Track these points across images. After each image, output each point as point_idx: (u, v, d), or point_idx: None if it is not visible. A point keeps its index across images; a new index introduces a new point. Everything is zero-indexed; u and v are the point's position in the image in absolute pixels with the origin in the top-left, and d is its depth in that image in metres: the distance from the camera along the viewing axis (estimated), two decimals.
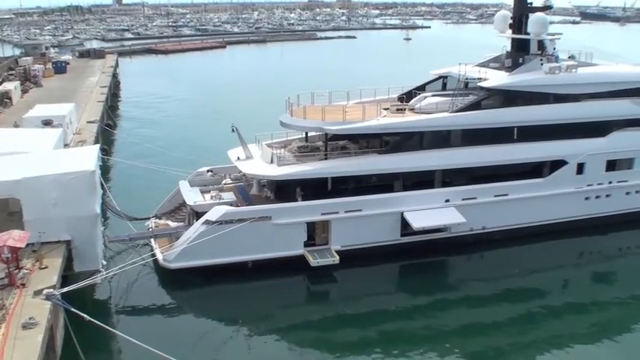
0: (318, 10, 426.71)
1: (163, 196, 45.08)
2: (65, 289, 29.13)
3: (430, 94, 48.11)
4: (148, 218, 43.52)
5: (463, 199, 43.62)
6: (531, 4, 50.33)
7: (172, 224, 42.87)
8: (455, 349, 33.04)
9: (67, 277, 32.32)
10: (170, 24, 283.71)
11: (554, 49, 50.33)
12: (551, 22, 51.61)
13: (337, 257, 40.28)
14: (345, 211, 41.00)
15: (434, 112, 44.42)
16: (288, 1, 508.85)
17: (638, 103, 48.54)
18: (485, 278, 41.67)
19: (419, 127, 43.39)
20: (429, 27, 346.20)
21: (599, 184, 47.99)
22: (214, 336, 34.03)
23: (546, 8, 51.45)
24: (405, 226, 42.19)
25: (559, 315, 37.10)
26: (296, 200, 40.44)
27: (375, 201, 41.60)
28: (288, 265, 40.13)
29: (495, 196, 44.77)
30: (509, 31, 51.05)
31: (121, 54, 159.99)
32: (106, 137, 67.56)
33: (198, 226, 38.57)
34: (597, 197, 48.29)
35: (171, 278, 38.65)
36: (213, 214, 38.46)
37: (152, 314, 35.87)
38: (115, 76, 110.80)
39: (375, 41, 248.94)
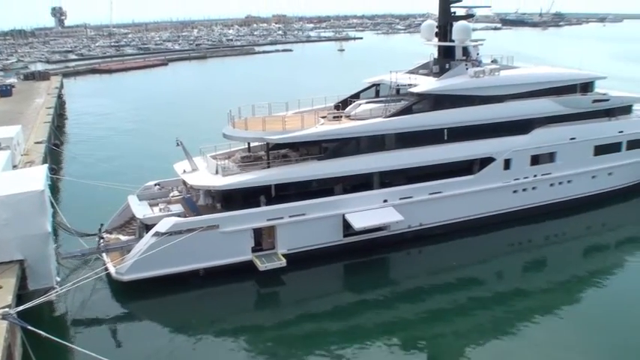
0: (255, 25, 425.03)
1: (113, 212, 44.41)
2: (21, 308, 28.56)
3: (364, 101, 48.56)
4: (98, 233, 42.78)
5: (400, 199, 44.13)
6: (455, 13, 51.31)
7: (123, 238, 42.26)
8: (399, 340, 33.49)
9: (21, 296, 31.53)
10: (113, 44, 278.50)
11: (478, 54, 51.45)
12: (473, 30, 52.55)
13: (284, 260, 40.34)
14: (290, 216, 41.11)
15: (369, 118, 44.89)
16: (226, 17, 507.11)
17: (556, 101, 49.92)
18: (424, 272, 42.31)
19: (355, 132, 43.73)
20: (361, 38, 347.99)
21: (524, 177, 49.12)
22: (170, 344, 33.66)
23: (469, 17, 52.55)
24: (346, 227, 42.51)
25: (494, 301, 37.98)
26: (243, 208, 40.35)
27: (317, 205, 41.81)
28: (238, 271, 40.08)
29: (430, 194, 45.41)
30: (436, 39, 52.00)
31: (66, 75, 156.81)
32: (54, 157, 66.13)
33: (148, 238, 38.20)
34: (524, 190, 49.43)
35: (125, 290, 38.11)
36: (162, 226, 38.16)
37: (108, 327, 35.27)
38: (60, 96, 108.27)
39: (310, 53, 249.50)
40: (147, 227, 39.86)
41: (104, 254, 40.38)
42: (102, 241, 40.83)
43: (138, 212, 41.34)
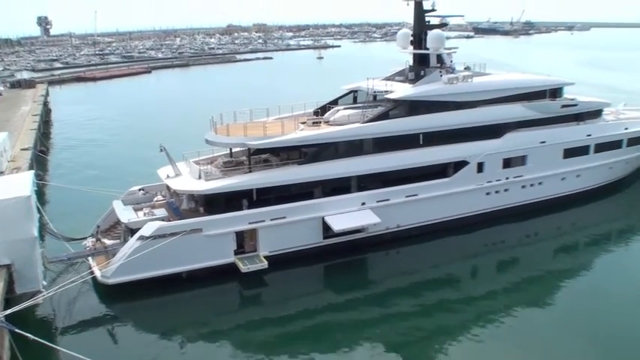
0: (236, 34, 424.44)
1: (98, 216, 44.12)
2: (8, 311, 28.39)
3: (342, 107, 48.63)
4: (85, 238, 42.52)
5: (378, 201, 44.26)
6: (429, 22, 51.63)
7: (108, 242, 41.96)
8: (378, 339, 33.55)
9: (9, 300, 31.34)
10: (97, 52, 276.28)
11: (452, 61, 51.78)
12: (447, 38, 52.93)
13: (266, 262, 40.33)
14: (271, 219, 41.08)
15: (347, 124, 45.01)
16: (208, 27, 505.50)
17: (527, 106, 50.39)
18: (402, 272, 42.37)
19: (334, 138, 43.83)
20: (339, 46, 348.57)
21: (497, 180, 49.47)
22: (155, 345, 33.42)
23: (443, 25, 52.81)
24: (326, 229, 42.55)
25: (470, 299, 38.19)
26: (225, 212, 40.27)
27: (297, 208, 41.82)
28: (221, 273, 40.02)
29: (407, 196, 45.58)
30: (411, 47, 52.29)
31: (51, 83, 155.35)
32: (40, 163, 65.64)
33: (133, 242, 38.00)
34: (497, 192, 49.77)
35: (111, 293, 37.85)
36: (146, 230, 37.99)
37: (94, 329, 34.97)
38: (46, 104, 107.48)
39: (290, 61, 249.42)
40: (131, 231, 39.64)
41: (90, 258, 40.16)
42: (98, 242, 40.85)
43: (123, 217, 41.11)
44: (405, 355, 32.72)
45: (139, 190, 45.74)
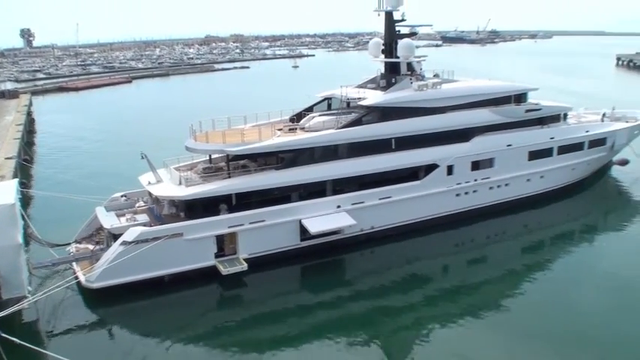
0: (214, 44, 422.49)
1: (82, 222, 43.69)
2: None
3: (317, 114, 48.69)
4: (69, 244, 42.06)
5: (353, 204, 44.33)
6: (399, 31, 51.83)
7: (92, 247, 41.53)
8: (355, 335, 33.56)
9: None
10: (79, 63, 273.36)
11: (421, 69, 52.22)
12: (417, 47, 53.17)
13: (245, 265, 40.20)
14: (250, 223, 40.97)
15: (322, 130, 45.04)
16: (187, 37, 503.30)
17: (493, 111, 50.85)
18: (377, 271, 42.38)
19: (309, 143, 43.82)
20: (314, 55, 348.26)
21: (466, 182, 49.80)
22: (139, 347, 33.18)
23: (412, 35, 53.09)
24: (303, 231, 42.51)
25: (442, 296, 38.53)
26: (205, 216, 40.08)
27: (275, 212, 41.77)
28: (202, 276, 39.84)
29: (380, 199, 45.71)
30: (382, 56, 52.46)
31: (35, 93, 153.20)
32: (24, 171, 64.76)
33: (116, 247, 37.68)
34: (466, 193, 50.09)
35: (95, 298, 37.45)
36: (129, 235, 37.69)
37: (79, 332, 34.55)
38: (29, 114, 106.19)
39: (267, 70, 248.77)
40: (114, 237, 39.26)
41: (74, 263, 39.75)
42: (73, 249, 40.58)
43: (105, 222, 40.75)
44: (380, 350, 32.77)
45: (121, 196, 45.37)
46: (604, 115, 63.49)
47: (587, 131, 57.75)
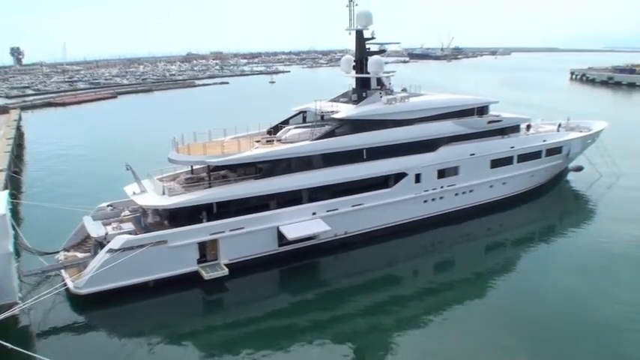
0: (195, 61, 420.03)
1: (70, 231, 43.16)
2: None
3: (293, 126, 48.78)
4: (58, 252, 41.51)
5: (327, 211, 44.38)
6: (369, 49, 52.10)
7: (80, 255, 41.07)
8: (331, 335, 33.65)
9: None
10: (66, 80, 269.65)
11: (390, 83, 52.45)
12: (386, 63, 53.42)
13: (226, 270, 39.99)
14: (230, 230, 40.82)
15: (297, 142, 45.08)
16: (169, 55, 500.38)
17: (457, 122, 51.33)
18: (350, 274, 42.41)
19: (286, 154, 43.81)
20: (289, 71, 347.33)
21: (433, 189, 50.11)
22: (126, 350, 32.79)
23: (381, 52, 53.43)
24: (281, 237, 42.44)
25: (413, 296, 38.73)
26: (187, 224, 39.82)
27: (254, 219, 41.67)
28: (185, 281, 39.54)
29: (353, 206, 45.81)
30: (354, 72, 52.71)
31: (24, 108, 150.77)
32: (14, 183, 63.77)
33: (102, 255, 37.30)
34: (433, 200, 50.37)
35: (83, 303, 36.97)
36: (115, 243, 37.34)
37: (69, 337, 34.08)
38: (19, 128, 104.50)
39: (245, 85, 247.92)
40: (101, 245, 38.91)
41: (63, 271, 39.23)
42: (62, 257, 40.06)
43: (92, 231, 40.33)
44: (355, 349, 32.72)
45: (108, 206, 44.97)
46: (559, 125, 64.58)
47: (544, 141, 58.54)
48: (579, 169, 66.31)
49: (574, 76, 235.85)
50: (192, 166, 45.44)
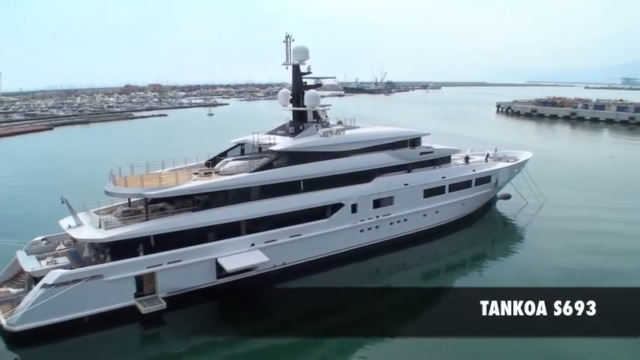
0: (133, 93, 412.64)
1: (2, 266, 41.27)
2: None
3: (231, 158, 48.43)
4: None
5: (265, 242, 43.96)
6: (306, 83, 52.41)
7: (13, 291, 39.28)
8: None
9: None
10: (1, 111, 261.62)
11: (326, 116, 52.87)
12: (322, 96, 53.94)
13: (164, 303, 38.90)
14: (168, 263, 39.84)
15: (235, 173, 44.73)
16: (107, 87, 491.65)
17: (391, 154, 52.05)
18: (289, 305, 41.74)
19: (224, 186, 43.33)
20: (227, 104, 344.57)
21: (369, 218, 50.38)
22: None
23: (317, 86, 53.83)
24: (219, 269, 41.66)
25: (349, 325, 38.33)
26: (124, 258, 38.68)
27: (192, 251, 40.83)
28: (122, 316, 38.17)
29: (291, 236, 45.55)
30: (291, 105, 52.83)
31: None
32: None
33: (36, 290, 35.76)
34: (369, 229, 50.64)
35: (17, 340, 35.19)
36: (49, 278, 35.87)
37: None
38: None
39: (183, 117, 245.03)
40: (35, 280, 37.36)
41: None
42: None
43: (26, 266, 38.73)
44: None
45: (42, 240, 43.24)
46: (487, 155, 66.39)
47: (473, 170, 60.00)
48: (507, 197, 68.20)
49: (500, 109, 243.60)
50: (129, 199, 44.28)
